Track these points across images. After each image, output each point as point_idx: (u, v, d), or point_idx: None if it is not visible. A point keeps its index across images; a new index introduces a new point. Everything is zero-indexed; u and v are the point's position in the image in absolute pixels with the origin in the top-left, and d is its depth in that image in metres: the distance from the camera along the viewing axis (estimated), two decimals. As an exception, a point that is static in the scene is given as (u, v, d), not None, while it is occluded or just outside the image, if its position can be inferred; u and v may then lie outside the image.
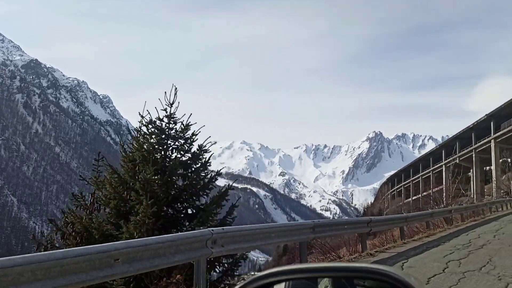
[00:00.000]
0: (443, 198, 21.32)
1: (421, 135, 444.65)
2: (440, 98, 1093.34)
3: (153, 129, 5.55)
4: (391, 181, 76.64)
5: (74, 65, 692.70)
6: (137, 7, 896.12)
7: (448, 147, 53.86)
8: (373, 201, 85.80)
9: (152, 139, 5.61)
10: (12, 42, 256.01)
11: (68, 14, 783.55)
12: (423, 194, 53.23)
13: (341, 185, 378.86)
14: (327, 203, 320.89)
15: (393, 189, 71.76)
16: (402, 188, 66.95)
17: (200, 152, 5.60)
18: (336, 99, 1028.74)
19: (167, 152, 5.61)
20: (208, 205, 5.52)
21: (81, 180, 5.62)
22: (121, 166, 5.32)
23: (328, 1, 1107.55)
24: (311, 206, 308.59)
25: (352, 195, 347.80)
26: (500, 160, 44.03)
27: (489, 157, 43.82)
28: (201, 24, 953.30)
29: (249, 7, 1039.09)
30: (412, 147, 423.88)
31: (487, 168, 49.22)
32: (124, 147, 5.63)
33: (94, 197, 5.24)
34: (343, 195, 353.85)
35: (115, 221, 5.04)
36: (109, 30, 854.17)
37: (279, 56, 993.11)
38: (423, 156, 64.32)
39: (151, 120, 5.42)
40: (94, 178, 5.29)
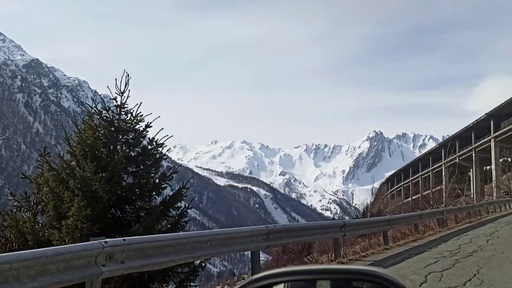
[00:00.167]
0: (436, 198, 20.29)
1: (421, 135, 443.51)
2: (440, 98, 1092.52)
3: (100, 121, 4.93)
4: (391, 180, 76.13)
5: (75, 65, 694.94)
6: (137, 7, 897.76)
7: (448, 146, 53.34)
8: (372, 201, 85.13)
9: (98, 132, 4.94)
10: (13, 42, 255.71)
11: (68, 14, 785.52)
12: (423, 194, 52.77)
13: (341, 184, 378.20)
14: (328, 203, 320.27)
15: (392, 189, 71.25)
16: (402, 187, 66.45)
17: (154, 147, 5.03)
18: (337, 99, 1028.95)
19: (117, 147, 4.97)
20: (155, 207, 4.81)
21: (22, 178, 5.09)
22: (60, 162, 4.79)
23: (328, 1, 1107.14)
24: (311, 205, 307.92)
25: (353, 194, 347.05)
26: (501, 160, 43.52)
27: (489, 157, 43.33)
28: (201, 24, 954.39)
29: (249, 7, 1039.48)
30: (413, 146, 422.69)
31: (487, 167, 48.68)
32: (69, 141, 5.08)
33: (38, 197, 4.70)
34: (343, 195, 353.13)
35: (58, 224, 4.39)
36: (110, 30, 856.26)
37: (279, 56, 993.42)
38: (422, 156, 63.81)
39: (99, 110, 4.90)
40: (34, 176, 4.75)
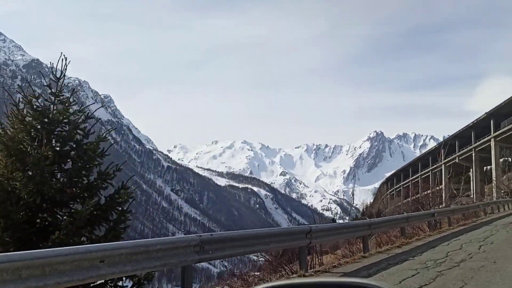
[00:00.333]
0: (429, 199, 18.95)
1: (422, 135, 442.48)
2: (441, 98, 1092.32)
3: (29, 111, 4.30)
4: (390, 180, 75.53)
5: (75, 65, 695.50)
6: (137, 7, 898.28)
7: (447, 146, 52.75)
8: (372, 201, 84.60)
9: (26, 124, 4.23)
10: (13, 42, 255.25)
11: (68, 14, 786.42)
12: (422, 194, 52.18)
13: (342, 185, 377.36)
14: (328, 203, 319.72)
15: (392, 189, 70.63)
16: (402, 187, 65.81)
17: (93, 142, 4.44)
18: (337, 99, 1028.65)
19: (52, 141, 4.28)
20: (79, 211, 3.97)
21: None
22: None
23: (328, 1, 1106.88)
24: (312, 206, 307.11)
25: (353, 195, 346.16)
26: (501, 160, 42.93)
27: (489, 156, 42.71)
28: (201, 24, 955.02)
29: (249, 7, 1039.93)
30: (413, 147, 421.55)
31: (488, 167, 48.07)
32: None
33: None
34: (344, 195, 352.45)
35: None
36: (110, 30, 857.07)
37: (279, 56, 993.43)
38: (422, 156, 63.19)
39: (28, 99, 4.29)
40: None
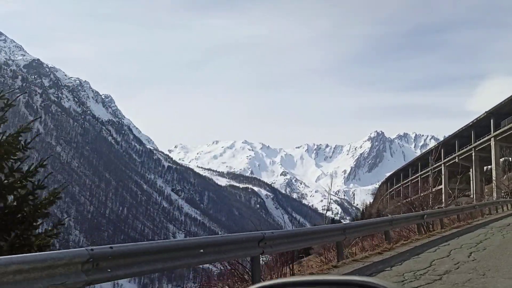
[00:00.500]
0: (420, 200, 17.62)
1: (423, 135, 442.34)
2: (441, 98, 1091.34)
3: None
4: (390, 180, 75.58)
5: (76, 65, 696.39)
6: (137, 7, 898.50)
7: (447, 145, 52.84)
8: (372, 201, 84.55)
9: None
10: (14, 42, 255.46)
11: (69, 14, 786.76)
12: (421, 194, 52.26)
13: (342, 184, 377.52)
14: (329, 203, 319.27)
15: (392, 189, 70.68)
16: (401, 187, 65.88)
17: (16, 134, 3.31)
18: (338, 99, 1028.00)
19: None
20: None
21: None
22: None
23: (328, 1, 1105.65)
24: (312, 205, 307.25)
25: (354, 195, 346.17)
26: (502, 159, 42.92)
27: (489, 156, 42.73)
28: (201, 24, 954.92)
29: (249, 7, 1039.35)
30: (414, 146, 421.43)
31: (488, 167, 48.13)
32: None
33: None
34: (345, 195, 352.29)
35: None
36: (110, 30, 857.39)
37: (280, 56, 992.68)
38: (421, 155, 63.20)
39: None
40: None
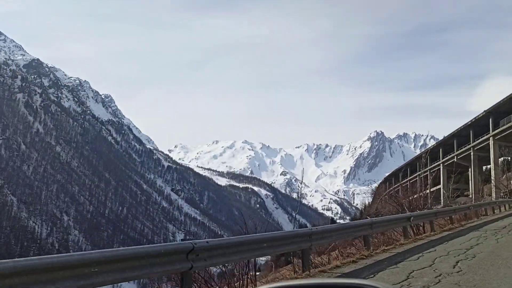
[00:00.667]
0: (410, 201, 16.13)
1: (422, 135, 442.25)
2: (441, 99, 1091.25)
3: None
4: (389, 180, 75.29)
5: (76, 65, 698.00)
6: (137, 7, 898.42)
7: (446, 145, 52.65)
8: (371, 201, 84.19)
9: None
10: (14, 41, 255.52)
11: (69, 14, 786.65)
12: (420, 194, 52.02)
13: (342, 184, 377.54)
14: (329, 203, 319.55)
15: (390, 189, 70.39)
16: (400, 187, 65.62)
17: None
18: (338, 99, 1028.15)
19: None
20: None
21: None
22: None
23: (328, 2, 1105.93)
24: (312, 205, 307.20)
25: (354, 194, 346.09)
26: (501, 159, 42.66)
27: (488, 156, 42.48)
28: (201, 24, 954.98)
29: (249, 7, 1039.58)
30: (414, 146, 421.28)
31: (488, 166, 47.88)
32: None
33: None
34: (344, 195, 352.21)
35: None
36: (110, 30, 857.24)
37: (280, 56, 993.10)
38: (420, 155, 62.94)
39: None
40: None
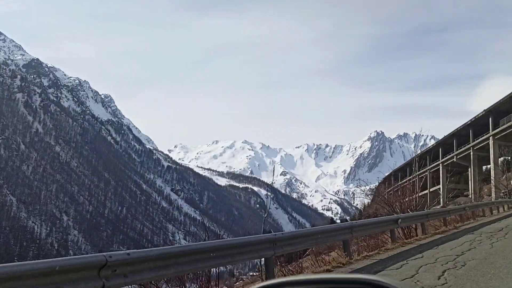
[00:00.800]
0: (400, 202, 14.43)
1: (422, 135, 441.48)
2: (441, 99, 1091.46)
3: None
4: (388, 180, 74.93)
5: (76, 65, 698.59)
6: (137, 7, 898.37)
7: (445, 144, 52.26)
8: (370, 201, 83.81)
9: None
10: (13, 41, 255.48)
11: (69, 14, 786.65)
12: (419, 194, 51.68)
13: (342, 184, 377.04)
14: (329, 203, 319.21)
15: (390, 189, 70.07)
16: (399, 187, 65.33)
17: None
18: (338, 99, 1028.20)
19: None
20: None
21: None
22: None
23: (328, 2, 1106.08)
24: (312, 205, 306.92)
25: (354, 194, 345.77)
26: (501, 159, 42.27)
27: (488, 155, 42.08)
28: (201, 24, 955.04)
29: (249, 7, 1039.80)
30: (414, 146, 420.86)
31: (488, 166, 47.49)
32: None
33: None
34: (344, 195, 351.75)
35: None
36: (110, 30, 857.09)
37: (280, 56, 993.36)
38: (419, 155, 62.51)
39: None
40: None
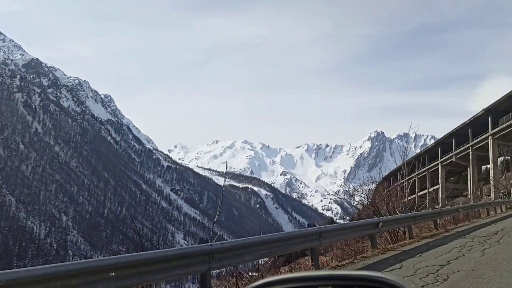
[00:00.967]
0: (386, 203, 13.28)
1: (423, 135, 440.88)
2: (441, 99, 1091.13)
3: None
4: (387, 180, 74.47)
5: (76, 65, 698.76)
6: (137, 7, 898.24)
7: (444, 144, 51.80)
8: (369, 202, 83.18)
9: None
10: (13, 41, 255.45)
11: (68, 14, 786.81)
12: (418, 194, 51.22)
13: (343, 184, 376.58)
14: (329, 203, 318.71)
15: (389, 189, 69.54)
16: (398, 187, 64.77)
17: None
18: (338, 99, 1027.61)
19: None
20: None
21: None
22: None
23: (329, 2, 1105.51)
24: (312, 205, 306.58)
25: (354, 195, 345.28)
26: (501, 159, 41.84)
27: (487, 155, 41.66)
28: (201, 24, 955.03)
29: (249, 7, 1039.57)
30: (414, 146, 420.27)
31: (487, 166, 47.06)
32: None
33: None
34: (345, 195, 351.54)
35: None
36: (110, 30, 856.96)
37: (280, 56, 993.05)
38: (418, 154, 62.01)
39: None
40: None
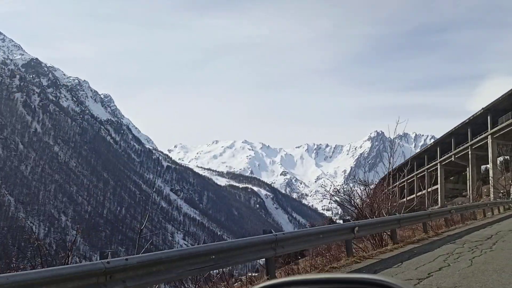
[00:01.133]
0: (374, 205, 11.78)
1: (423, 135, 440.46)
2: (441, 99, 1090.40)
3: None
4: (386, 180, 74.08)
5: (76, 65, 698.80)
6: (137, 7, 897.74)
7: (443, 144, 51.37)
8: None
9: None
10: (13, 41, 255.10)
11: (68, 14, 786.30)
12: (417, 194, 50.83)
13: (343, 184, 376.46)
14: (329, 203, 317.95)
15: (388, 189, 69.16)
16: (397, 187, 64.35)
17: None
18: (338, 99, 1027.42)
19: None
20: None
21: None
22: None
23: (329, 2, 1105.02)
24: (312, 206, 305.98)
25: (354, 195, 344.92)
26: (501, 158, 41.45)
27: (486, 155, 41.25)
28: (202, 24, 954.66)
29: (249, 7, 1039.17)
30: (414, 146, 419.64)
31: (487, 166, 46.66)
32: None
33: None
34: (345, 195, 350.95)
35: None
36: (110, 29, 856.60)
37: (280, 56, 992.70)
38: (417, 154, 61.58)
39: None
40: None
